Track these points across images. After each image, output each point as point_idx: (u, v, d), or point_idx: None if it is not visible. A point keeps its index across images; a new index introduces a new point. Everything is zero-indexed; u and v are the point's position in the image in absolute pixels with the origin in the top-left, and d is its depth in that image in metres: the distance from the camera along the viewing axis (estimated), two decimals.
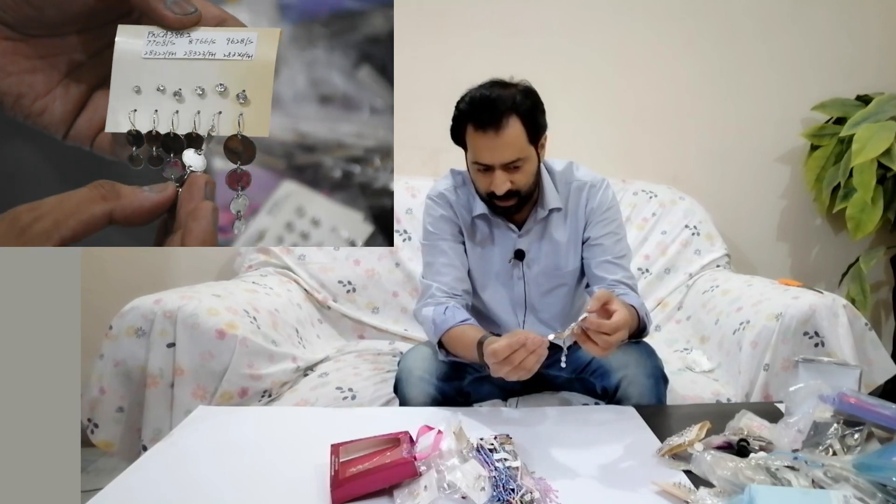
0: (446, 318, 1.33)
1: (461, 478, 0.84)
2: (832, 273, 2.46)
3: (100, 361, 1.47)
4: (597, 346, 1.06)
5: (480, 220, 1.47)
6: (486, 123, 1.27)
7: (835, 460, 0.88)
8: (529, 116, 1.30)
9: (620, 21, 2.36)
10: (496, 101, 1.27)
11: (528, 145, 1.32)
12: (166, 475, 0.97)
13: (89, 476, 1.99)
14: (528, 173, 1.35)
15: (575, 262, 1.48)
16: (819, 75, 2.42)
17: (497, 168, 1.31)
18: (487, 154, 1.30)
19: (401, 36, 0.92)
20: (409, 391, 1.31)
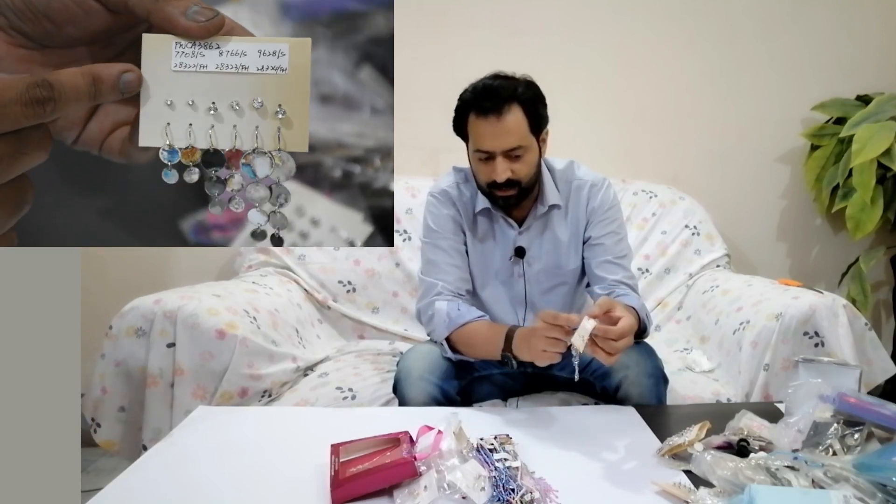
0: (462, 313, 1.34)
1: (461, 478, 0.84)
2: (832, 273, 2.46)
3: (101, 361, 1.47)
4: (605, 354, 1.07)
5: (482, 216, 1.47)
6: (488, 110, 1.29)
7: (835, 460, 0.88)
8: (531, 106, 1.32)
9: (620, 21, 2.36)
10: (498, 89, 1.30)
11: (530, 135, 1.33)
12: (166, 475, 0.97)
13: (89, 476, 1.99)
14: (529, 164, 1.35)
15: (576, 261, 1.48)
16: (819, 75, 2.42)
17: (498, 155, 1.31)
18: (488, 141, 1.31)
19: (401, 36, 0.92)
20: (409, 391, 1.31)
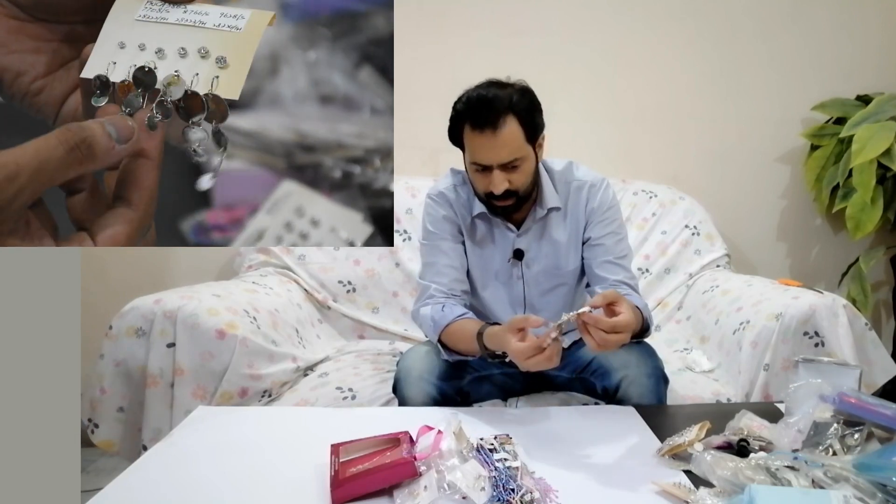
0: (444, 314, 1.34)
1: (461, 478, 0.84)
2: (832, 273, 2.46)
3: (100, 361, 1.47)
4: (592, 340, 1.06)
5: (480, 219, 1.47)
6: (483, 123, 1.27)
7: (835, 460, 0.88)
8: (527, 116, 1.30)
9: (620, 21, 2.36)
10: (493, 101, 1.27)
11: (526, 144, 1.31)
12: (166, 475, 0.97)
13: (89, 476, 1.99)
14: (526, 173, 1.34)
15: (575, 261, 1.48)
16: (819, 75, 2.42)
17: (495, 168, 1.30)
18: (485, 154, 1.30)
19: (401, 36, 0.92)
20: (409, 391, 1.31)
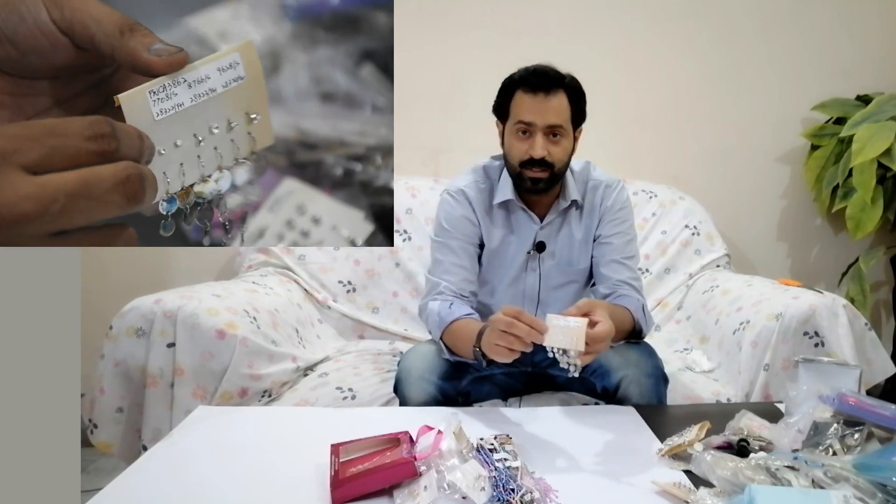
0: (451, 311, 1.34)
1: (461, 478, 0.84)
2: (832, 273, 2.46)
3: (100, 361, 1.47)
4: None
5: (501, 208, 1.47)
6: (536, 87, 1.35)
7: (835, 460, 0.88)
8: (577, 97, 1.39)
9: (620, 21, 2.36)
10: (549, 72, 1.36)
11: (570, 122, 1.38)
12: (166, 475, 0.97)
13: (89, 476, 1.99)
14: (565, 150, 1.39)
15: (587, 260, 1.49)
16: (819, 75, 2.42)
17: (538, 131, 1.35)
18: (533, 113, 1.35)
19: (401, 36, 0.92)
20: (409, 391, 1.31)
